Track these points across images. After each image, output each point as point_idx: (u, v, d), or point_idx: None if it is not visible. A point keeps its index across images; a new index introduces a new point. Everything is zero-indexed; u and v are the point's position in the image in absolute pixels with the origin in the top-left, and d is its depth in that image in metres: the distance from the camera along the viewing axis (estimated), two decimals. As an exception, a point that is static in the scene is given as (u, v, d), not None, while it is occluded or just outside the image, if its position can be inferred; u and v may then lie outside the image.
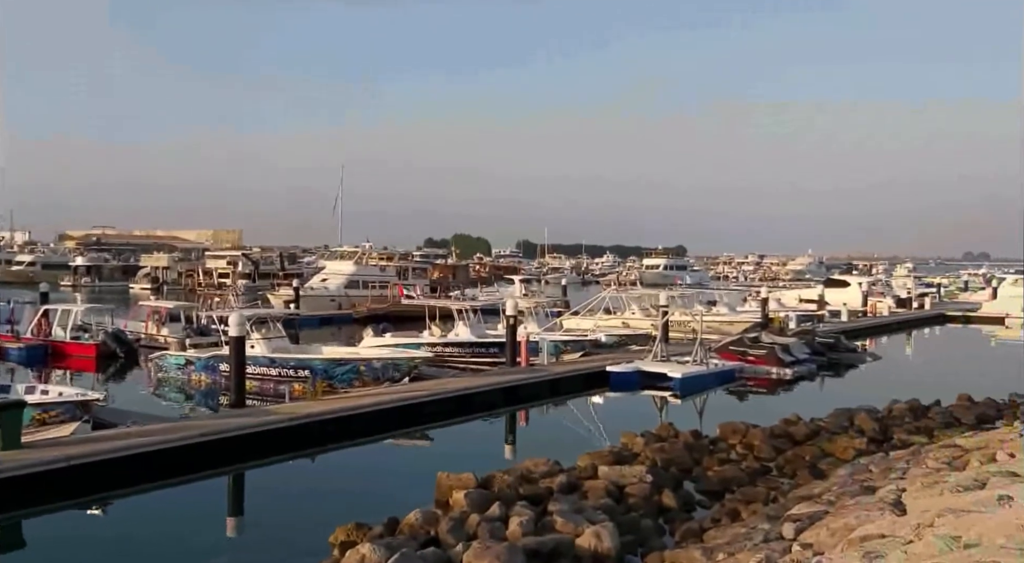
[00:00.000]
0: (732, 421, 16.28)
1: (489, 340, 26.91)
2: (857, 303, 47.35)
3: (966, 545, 5.18)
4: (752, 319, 35.37)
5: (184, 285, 73.45)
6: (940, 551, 5.16)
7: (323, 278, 51.51)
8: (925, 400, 18.73)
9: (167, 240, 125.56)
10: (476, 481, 11.53)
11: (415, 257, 76.07)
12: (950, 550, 5.15)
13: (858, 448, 14.36)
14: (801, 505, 9.48)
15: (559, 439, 16.93)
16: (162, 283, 74.56)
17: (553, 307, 38.08)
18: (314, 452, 15.85)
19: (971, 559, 4.57)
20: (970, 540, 5.28)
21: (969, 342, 40.87)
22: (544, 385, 21.82)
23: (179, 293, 62.87)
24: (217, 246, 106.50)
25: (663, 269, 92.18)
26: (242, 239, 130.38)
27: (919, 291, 56.46)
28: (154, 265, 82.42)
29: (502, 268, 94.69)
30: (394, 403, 17.89)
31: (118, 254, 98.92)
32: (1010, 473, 8.23)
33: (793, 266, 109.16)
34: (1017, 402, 18.86)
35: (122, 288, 72.88)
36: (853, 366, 28.63)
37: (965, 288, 70.68)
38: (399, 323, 32.64)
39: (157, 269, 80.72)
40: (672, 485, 11.98)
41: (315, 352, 23.08)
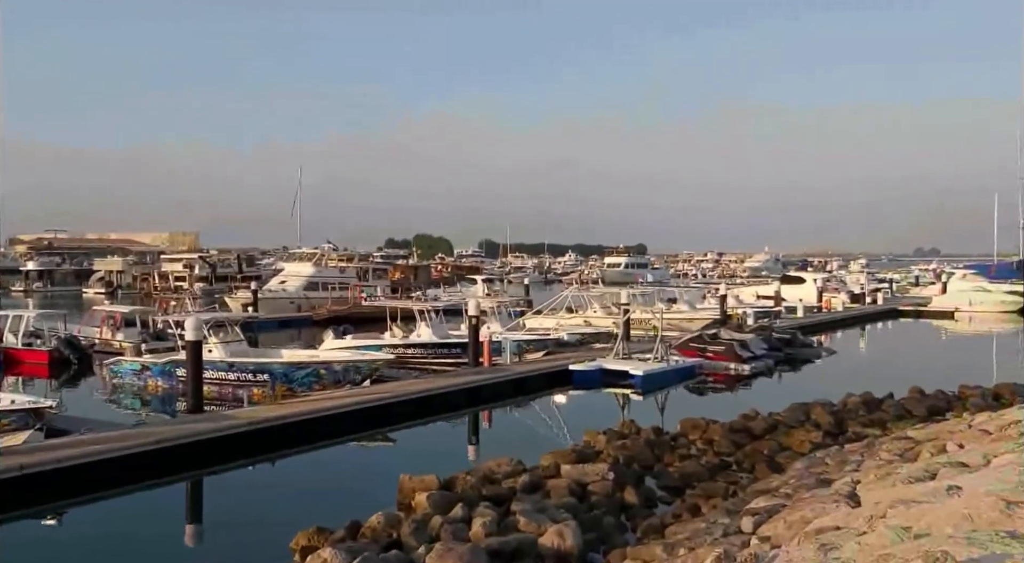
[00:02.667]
0: (692, 417, 16.49)
1: (451, 340, 26.85)
2: (812, 299, 48.22)
3: (916, 535, 5.32)
4: (711, 316, 35.83)
5: (139, 289, 72.14)
6: (892, 542, 5.28)
7: (282, 280, 50.92)
8: (878, 393, 19.15)
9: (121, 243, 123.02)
10: (439, 483, 11.50)
11: (375, 258, 75.58)
12: (901, 541, 5.28)
13: (814, 441, 14.64)
14: (759, 499, 9.63)
15: (522, 439, 16.96)
16: (116, 287, 73.11)
17: (516, 306, 38.20)
18: (274, 457, 15.67)
19: (921, 549, 4.69)
20: (920, 530, 5.42)
21: (920, 336, 41.91)
22: (507, 385, 21.85)
23: (134, 297, 61.78)
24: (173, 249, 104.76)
25: (624, 267, 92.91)
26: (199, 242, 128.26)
27: (872, 286, 57.67)
28: (108, 269, 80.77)
29: (464, 268, 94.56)
30: (355, 406, 17.76)
31: (71, 258, 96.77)
32: (959, 464, 8.46)
33: (751, 263, 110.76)
34: (967, 394, 19.39)
35: (75, 293, 71.35)
36: (809, 361, 29.17)
37: (916, 283, 72.30)
38: (360, 325, 32.40)
39: (111, 273, 79.16)
40: (634, 482, 12.08)
41: (274, 355, 22.81)
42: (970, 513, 5.50)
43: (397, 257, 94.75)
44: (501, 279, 79.28)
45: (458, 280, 71.84)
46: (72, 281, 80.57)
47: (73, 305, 50.19)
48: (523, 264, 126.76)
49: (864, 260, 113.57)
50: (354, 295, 47.54)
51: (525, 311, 37.29)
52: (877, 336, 41.08)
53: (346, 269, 53.31)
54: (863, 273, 73.68)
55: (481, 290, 48.50)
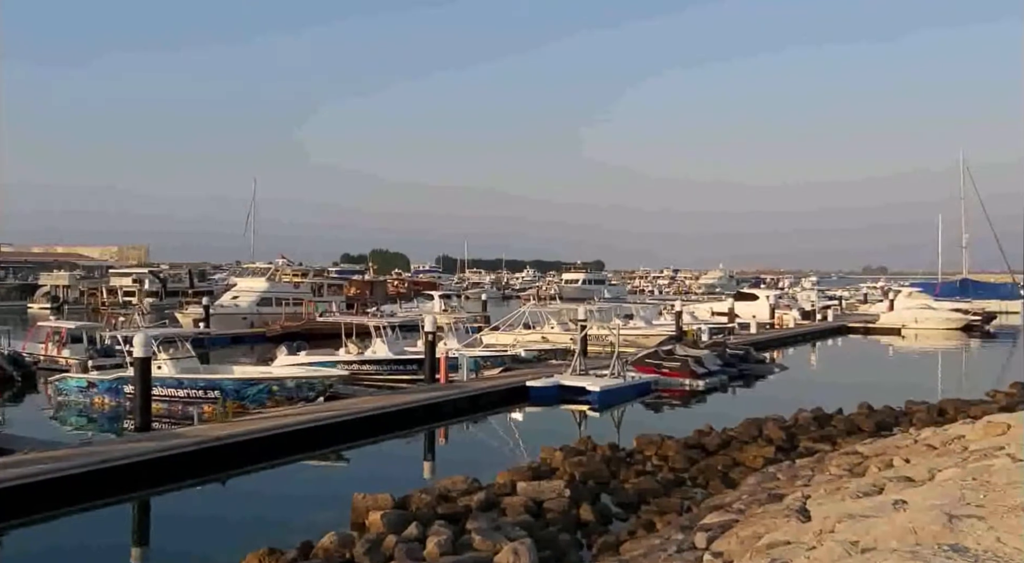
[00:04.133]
0: (648, 433, 16.61)
1: (407, 357, 26.68)
2: (765, 315, 49.09)
3: (863, 549, 5.42)
4: (667, 332, 36.23)
5: (87, 304, 70.39)
6: (840, 556, 5.38)
7: (234, 296, 50.05)
8: (828, 409, 19.52)
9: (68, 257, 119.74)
10: (393, 501, 11.39)
11: (331, 273, 74.85)
12: (849, 555, 5.38)
13: (767, 457, 14.85)
14: (713, 514, 9.72)
15: (479, 456, 16.89)
16: (63, 302, 71.22)
17: (473, 322, 38.14)
18: (224, 476, 15.34)
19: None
20: (867, 544, 5.52)
21: (868, 352, 42.87)
22: (463, 402, 21.75)
23: (81, 312, 60.26)
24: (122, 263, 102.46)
25: (582, 284, 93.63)
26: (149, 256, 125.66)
27: (822, 304, 58.95)
28: (54, 283, 78.63)
29: (421, 283, 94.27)
30: (308, 423, 17.51)
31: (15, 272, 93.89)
32: (905, 478, 8.65)
33: (705, 280, 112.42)
34: (913, 409, 19.87)
35: (20, 308, 69.24)
36: (762, 377, 29.62)
37: (865, 300, 74.14)
38: (314, 341, 32.01)
39: (57, 287, 77.07)
40: (590, 499, 12.09)
41: (226, 372, 22.41)
42: (914, 527, 5.63)
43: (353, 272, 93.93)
44: (458, 295, 79.18)
45: (415, 296, 71.53)
46: (16, 296, 78.19)
47: (17, 320, 48.65)
48: (480, 280, 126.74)
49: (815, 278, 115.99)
50: (308, 310, 46.99)
51: (482, 327, 37.25)
52: (827, 352, 41.91)
53: (300, 284, 52.68)
54: (813, 291, 75.29)
55: (438, 306, 48.21)
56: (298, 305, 48.61)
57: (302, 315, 46.35)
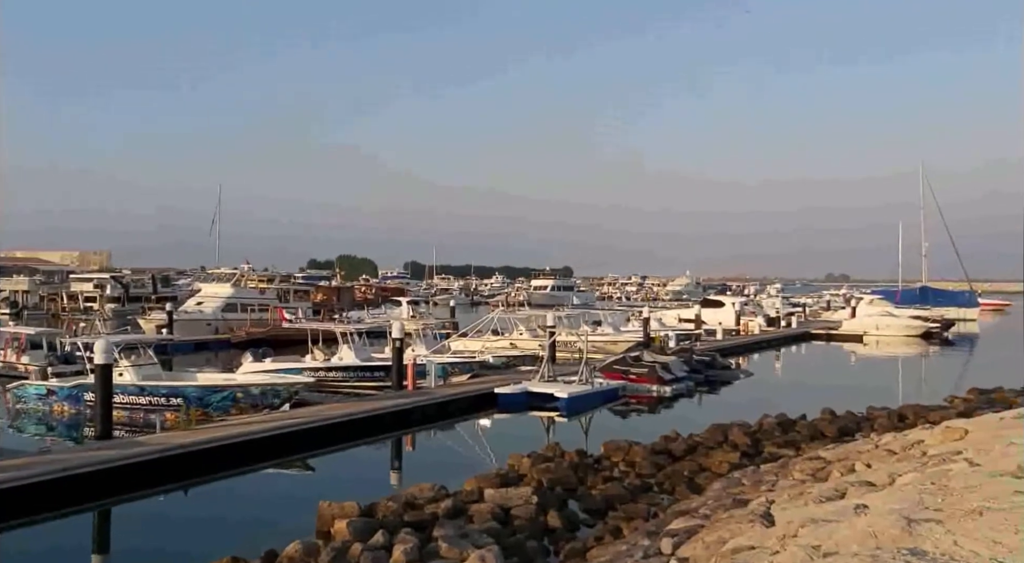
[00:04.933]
0: (615, 439, 16.69)
1: (374, 364, 26.52)
2: (731, 322, 49.57)
3: (825, 554, 5.51)
4: (635, 338, 36.44)
5: (47, 310, 68.96)
6: (802, 560, 5.46)
7: (198, 301, 49.41)
8: (792, 414, 19.79)
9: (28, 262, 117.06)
10: (359, 509, 11.31)
11: (297, 279, 74.15)
12: (811, 559, 5.46)
13: (732, 462, 14.99)
14: (679, 520, 9.78)
15: (446, 463, 16.84)
16: (22, 308, 69.52)
17: (441, 329, 38.02)
18: (187, 484, 15.12)
19: (829, 566, 4.86)
20: (829, 548, 5.61)
21: (831, 358, 43.53)
22: (431, 408, 21.68)
23: (41, 318, 58.91)
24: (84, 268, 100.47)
25: (551, 290, 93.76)
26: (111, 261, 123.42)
27: (786, 311, 59.73)
28: (13, 288, 76.68)
29: (389, 289, 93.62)
30: (273, 431, 17.32)
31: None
32: (866, 483, 8.80)
33: (672, 287, 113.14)
34: (875, 415, 20.21)
35: (-24, 314, 67.56)
36: (728, 383, 29.92)
37: (827, 307, 75.21)
38: (280, 347, 31.66)
39: (16, 293, 75.29)
40: (557, 505, 12.12)
41: (189, 379, 22.10)
42: (875, 531, 5.73)
43: (320, 278, 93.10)
44: (426, 301, 78.75)
45: (382, 302, 71.11)
46: (-28, 301, 76.27)
47: (-28, 326, 47.46)
48: (449, 286, 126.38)
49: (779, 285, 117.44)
50: (274, 317, 46.52)
51: (451, 333, 37.15)
52: (791, 359, 42.47)
53: (266, 290, 52.15)
54: (778, 298, 76.27)
55: (406, 312, 48.06)
56: (264, 311, 48.12)
57: (268, 321, 45.87)
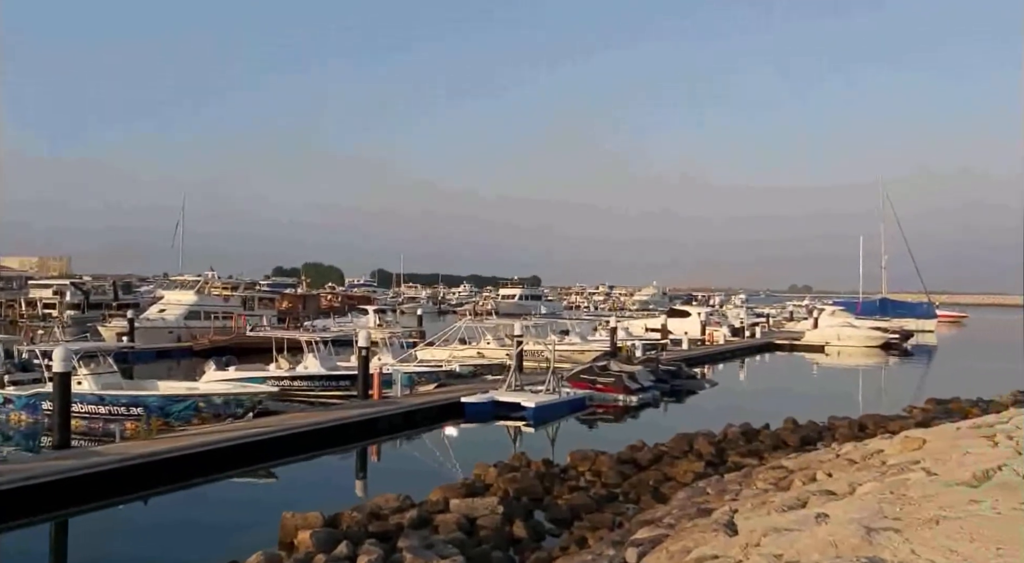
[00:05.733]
0: (582, 448, 16.72)
1: (340, 372, 26.32)
2: (697, 332, 50.08)
3: (787, 562, 5.57)
4: (602, 348, 36.61)
5: (4, 316, 67.35)
6: (765, 569, 5.51)
7: (161, 309, 48.66)
8: (756, 424, 20.00)
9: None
10: (323, 520, 11.19)
11: (262, 286, 73.38)
12: (773, 568, 5.52)
13: (697, 471, 15.10)
14: (644, 529, 9.82)
15: (412, 473, 16.73)
16: (-23, 314, 67.96)
17: (408, 338, 37.83)
18: (147, 495, 14.84)
19: (791, 575, 4.91)
20: (791, 558, 5.68)
21: (794, 368, 44.11)
22: (397, 418, 21.55)
23: (-3, 325, 57.54)
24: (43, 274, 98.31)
25: (518, 299, 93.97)
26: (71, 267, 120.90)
27: (751, 321, 60.44)
28: (-33, 294, 74.86)
29: (355, 298, 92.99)
30: (236, 441, 17.08)
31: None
32: (827, 492, 8.93)
33: (639, 297, 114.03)
34: (836, 425, 20.51)
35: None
36: (693, 392, 30.17)
37: (791, 318, 76.25)
38: (244, 356, 31.28)
39: (-29, 298, 73.40)
40: (523, 515, 12.10)
41: (150, 387, 21.73)
42: (835, 540, 5.82)
43: (285, 286, 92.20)
44: (393, 309, 78.38)
45: (349, 310, 70.57)
46: (-74, 307, 74.21)
47: (-76, 333, 46.23)
48: (416, 294, 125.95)
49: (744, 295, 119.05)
50: (238, 324, 45.96)
51: (417, 342, 37.00)
52: (755, 368, 42.98)
53: (231, 298, 51.51)
54: (743, 308, 77.19)
55: (372, 321, 47.73)
56: (228, 319, 47.53)
57: (232, 329, 45.30)
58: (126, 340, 39.57)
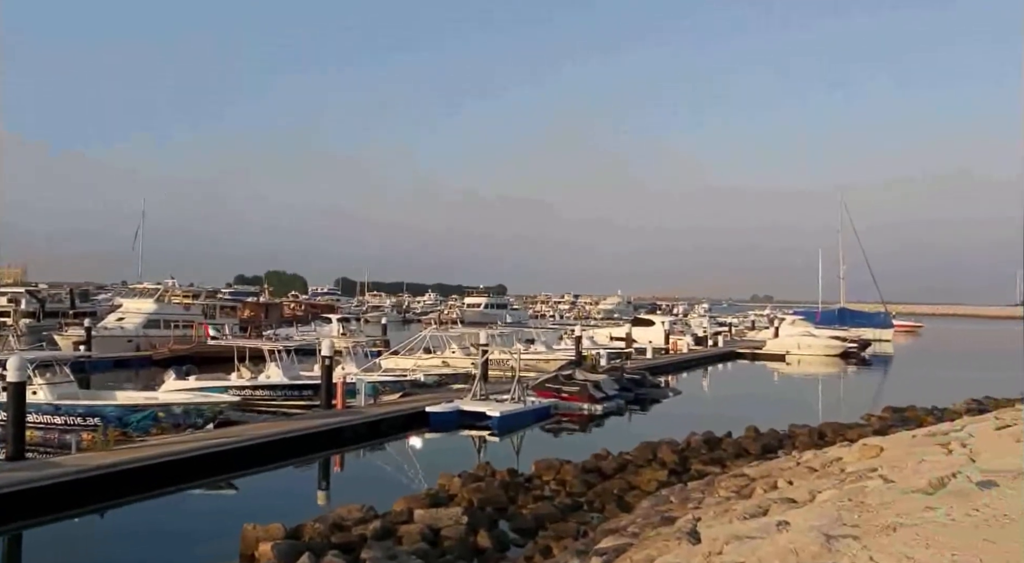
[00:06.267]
0: (547, 457, 16.75)
1: (303, 382, 26.05)
2: (660, 341, 50.50)
3: (749, 570, 5.65)
4: (567, 357, 36.73)
5: (-46, 325, 65.46)
6: (727, 577, 5.58)
7: (119, 317, 47.76)
8: (718, 432, 20.22)
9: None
10: (285, 531, 11.06)
11: (224, 295, 72.39)
12: (735, 575, 5.59)
13: (660, 480, 15.23)
14: (608, 538, 9.87)
15: (376, 483, 16.63)
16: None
17: (372, 347, 37.59)
18: (105, 507, 14.54)
19: (752, 583, 4.98)
20: (752, 565, 5.76)
21: (756, 377, 44.69)
22: (361, 428, 21.39)
23: (-53, 333, 55.90)
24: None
25: (484, 308, 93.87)
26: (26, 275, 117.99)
27: (713, 330, 61.18)
28: (-83, 301, 72.69)
29: (319, 306, 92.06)
30: (196, 451, 16.82)
31: None
32: (788, 500, 9.06)
33: (604, 305, 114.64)
34: (796, 432, 20.82)
35: None
36: (657, 401, 30.41)
37: (752, 327, 77.28)
38: (205, 365, 30.82)
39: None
40: (487, 525, 12.08)
41: (107, 397, 21.28)
42: (795, 548, 5.91)
43: (247, 294, 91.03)
44: (357, 318, 77.81)
45: (312, 319, 69.90)
46: None
47: None
48: (381, 303, 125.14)
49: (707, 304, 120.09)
50: (199, 333, 45.27)
51: (382, 351, 36.79)
52: (718, 377, 43.44)
53: (191, 306, 50.74)
54: (706, 317, 78.04)
55: (336, 329, 47.33)
56: (188, 327, 46.82)
57: (192, 338, 44.61)
58: (83, 349, 38.76)
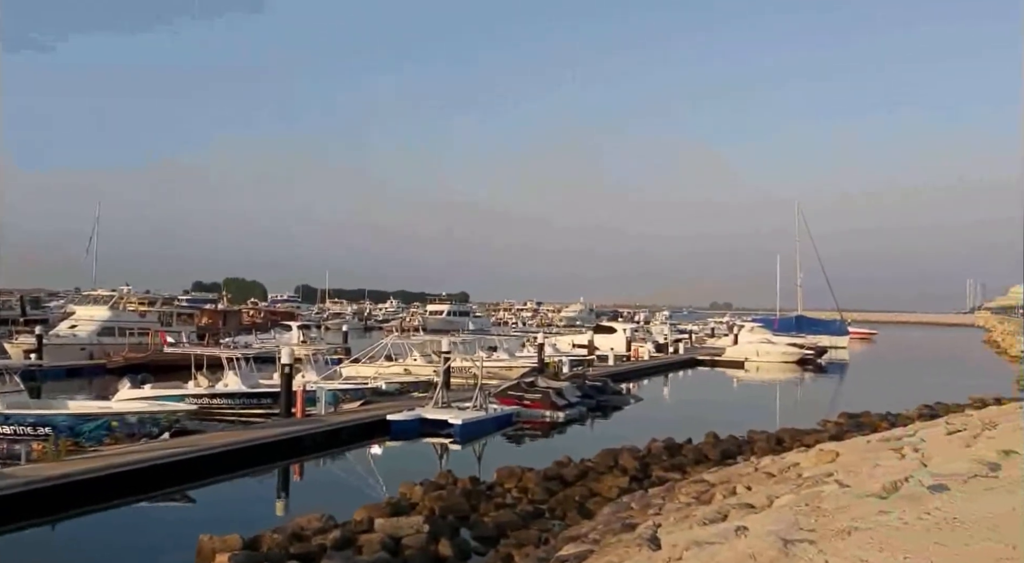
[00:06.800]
0: (509, 465, 16.75)
1: (262, 390, 25.69)
2: (622, 348, 50.73)
3: (708, 575, 5.69)
4: (530, 364, 36.74)
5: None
6: (686, 582, 5.62)
7: (72, 325, 46.63)
8: (679, 438, 20.38)
9: None
10: (242, 542, 10.88)
11: (181, 302, 71.11)
12: (695, 581, 5.62)
13: (621, 487, 15.29)
14: (569, 546, 9.89)
15: (336, 493, 16.44)
16: None
17: (333, 354, 37.22)
18: (55, 520, 14.14)
19: (711, 588, 5.02)
20: (711, 570, 5.80)
21: (715, 383, 45.20)
22: (321, 436, 21.14)
23: None
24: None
25: (446, 315, 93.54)
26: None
27: (674, 337, 61.67)
28: None
29: (278, 313, 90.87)
30: (151, 461, 16.45)
31: None
32: (747, 505, 9.16)
33: (567, 313, 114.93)
34: (755, 438, 21.09)
35: None
36: (619, 408, 30.56)
37: (712, 334, 78.13)
38: (161, 373, 30.18)
39: None
40: (449, 533, 12.01)
41: (59, 407, 20.75)
42: (753, 553, 5.98)
43: (205, 301, 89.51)
44: (318, 325, 77.01)
45: (272, 326, 68.97)
46: None
47: None
48: (342, 310, 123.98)
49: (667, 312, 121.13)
50: (155, 341, 44.38)
51: (343, 359, 36.44)
52: (679, 384, 43.83)
53: (147, 313, 49.75)
54: (667, 324, 78.69)
55: (296, 337, 46.77)
56: (144, 335, 45.88)
57: (148, 346, 43.73)
58: (34, 357, 37.77)
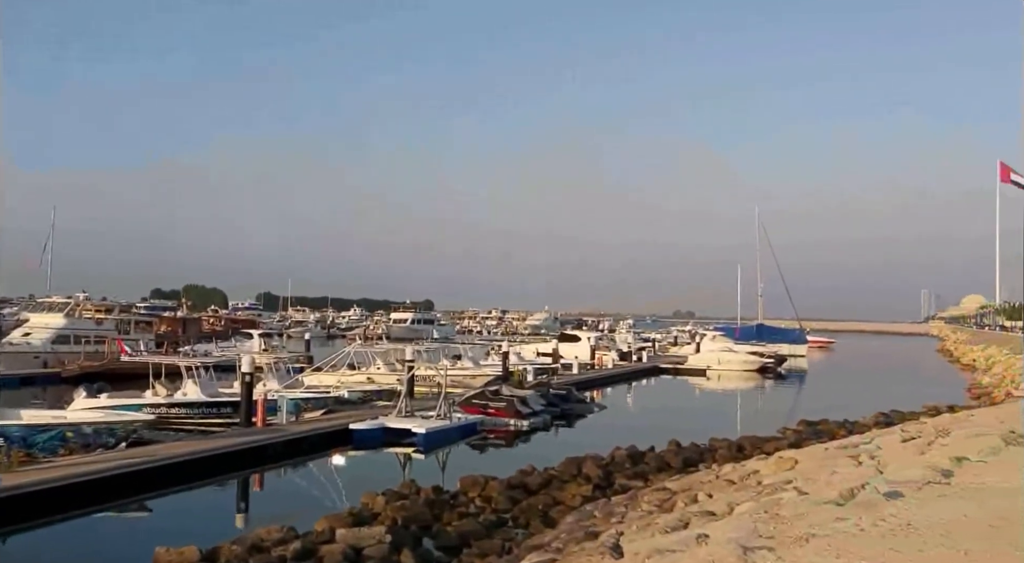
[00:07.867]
0: (473, 474, 16.67)
1: (222, 399, 25.31)
2: (586, 356, 50.96)
3: (669, 583, 5.74)
4: (494, 372, 36.69)
5: None
6: (648, 590, 5.65)
7: (25, 332, 45.50)
8: (642, 446, 20.50)
9: None
10: (199, 554, 10.72)
11: (139, 309, 69.84)
12: (656, 589, 5.66)
13: (585, 495, 15.32)
14: (532, 555, 9.88)
15: (297, 503, 16.23)
16: None
17: (295, 363, 36.77)
18: (7, 532, 13.77)
19: (673, 596, 5.05)
20: (672, 578, 5.85)
21: (678, 391, 45.58)
22: (281, 446, 20.87)
23: None
24: None
25: (410, 323, 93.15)
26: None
27: (638, 345, 62.12)
28: None
29: (239, 321, 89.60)
30: (107, 472, 16.10)
31: None
32: (708, 512, 9.25)
33: (531, 321, 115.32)
34: (716, 446, 21.30)
35: None
36: (583, 416, 30.65)
37: (675, 343, 78.85)
38: (118, 382, 29.62)
39: None
40: (411, 544, 11.93)
41: (11, 417, 20.21)
42: (714, 560, 6.04)
43: (164, 308, 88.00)
44: (280, 334, 76.12)
45: (233, 334, 68.01)
46: None
47: None
48: (304, 318, 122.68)
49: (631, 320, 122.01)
50: (112, 349, 43.49)
51: (305, 367, 36.04)
52: (642, 392, 44.13)
53: (104, 321, 48.75)
54: (630, 333, 79.25)
55: (257, 345, 46.11)
56: (100, 343, 44.92)
57: (104, 354, 42.84)
58: (-16, 366, 36.81)
